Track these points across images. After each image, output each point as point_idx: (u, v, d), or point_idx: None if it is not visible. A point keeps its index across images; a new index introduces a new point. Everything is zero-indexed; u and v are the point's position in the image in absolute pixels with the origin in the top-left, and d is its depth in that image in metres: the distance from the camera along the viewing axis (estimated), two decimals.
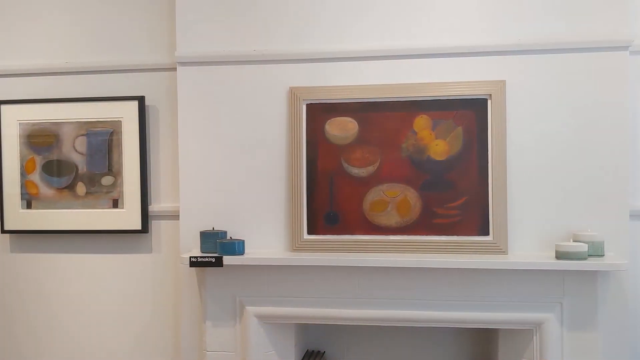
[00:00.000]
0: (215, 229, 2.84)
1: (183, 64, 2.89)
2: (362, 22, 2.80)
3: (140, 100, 3.02)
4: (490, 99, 2.70)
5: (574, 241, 2.58)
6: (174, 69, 2.93)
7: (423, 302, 2.68)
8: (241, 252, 2.72)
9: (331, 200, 2.80)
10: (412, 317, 2.70)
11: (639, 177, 2.73)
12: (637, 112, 2.73)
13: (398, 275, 2.68)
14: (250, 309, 2.75)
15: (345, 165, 2.79)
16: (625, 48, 2.63)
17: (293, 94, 2.81)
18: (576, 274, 2.56)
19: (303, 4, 2.83)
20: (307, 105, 2.82)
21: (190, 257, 2.68)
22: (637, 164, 2.73)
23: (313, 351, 3.04)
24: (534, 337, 2.60)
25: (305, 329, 3.02)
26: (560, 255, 2.52)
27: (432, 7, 2.76)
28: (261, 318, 2.77)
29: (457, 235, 2.71)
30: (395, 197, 2.77)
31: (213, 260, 2.66)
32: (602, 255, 2.57)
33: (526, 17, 2.70)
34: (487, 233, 2.70)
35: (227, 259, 2.67)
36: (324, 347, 3.06)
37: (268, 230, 2.85)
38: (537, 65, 2.69)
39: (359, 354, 3.02)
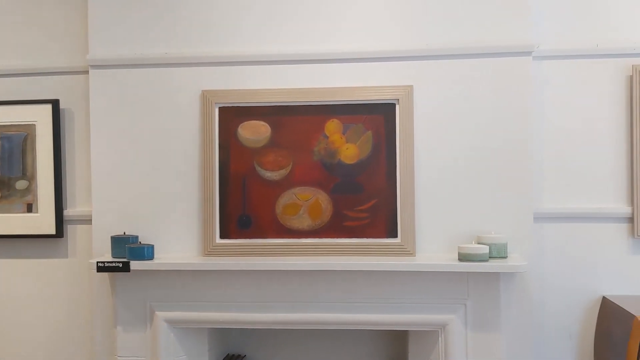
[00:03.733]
0: (126, 233, 2.82)
1: (95, 66, 2.86)
2: (275, 27, 2.82)
3: (54, 103, 2.98)
4: (398, 103, 2.74)
5: (478, 243, 2.63)
6: (88, 72, 2.91)
7: (334, 305, 2.69)
8: (150, 257, 2.70)
9: (244, 204, 2.80)
10: (323, 320, 2.71)
11: (543, 179, 2.80)
12: (540, 116, 2.80)
13: (310, 278, 2.70)
14: (160, 314, 2.74)
15: (258, 168, 2.80)
16: (529, 53, 2.70)
17: (205, 96, 2.81)
18: (479, 276, 2.61)
19: (216, 8, 2.82)
20: (220, 108, 2.82)
21: (97, 262, 2.65)
22: (540, 167, 2.79)
23: (234, 355, 3.04)
24: (439, 338, 2.64)
25: (225, 333, 3.01)
26: (462, 257, 2.57)
27: (343, 13, 2.79)
28: (171, 323, 2.75)
29: (367, 237, 2.74)
30: (307, 201, 2.78)
31: (120, 265, 2.64)
32: (505, 257, 2.62)
33: (433, 23, 2.75)
34: (395, 235, 2.73)
35: (135, 264, 2.65)
36: (245, 351, 3.06)
37: (181, 234, 2.84)
38: (444, 70, 2.74)
39: (280, 356, 3.03)
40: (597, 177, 2.79)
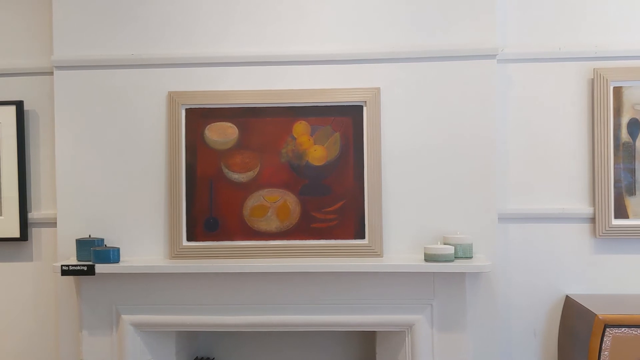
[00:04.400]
0: (92, 236, 2.79)
1: (60, 67, 2.83)
2: (243, 28, 2.81)
3: (19, 104, 2.94)
4: (366, 105, 2.75)
5: (444, 244, 2.66)
6: (53, 73, 2.87)
7: (302, 307, 2.70)
8: (116, 260, 2.67)
9: (211, 206, 2.79)
10: (292, 322, 2.71)
11: (507, 181, 2.84)
12: (505, 118, 2.83)
13: (277, 280, 2.69)
14: (126, 318, 2.71)
15: (225, 170, 2.79)
16: (493, 56, 2.73)
17: (172, 98, 2.79)
18: (445, 276, 2.63)
19: (183, 9, 2.81)
20: (187, 110, 2.80)
21: (62, 266, 2.62)
22: (505, 169, 2.83)
23: (202, 358, 3.02)
24: (406, 339, 2.66)
25: (193, 336, 2.99)
26: (428, 258, 2.59)
27: (311, 14, 2.80)
28: (138, 326, 2.73)
29: (335, 239, 2.75)
30: (275, 202, 2.78)
31: (85, 268, 2.61)
32: (471, 257, 2.65)
33: (400, 25, 2.77)
34: (363, 237, 2.75)
35: (100, 267, 2.62)
36: (214, 354, 3.04)
37: (148, 237, 2.81)
38: (411, 72, 2.76)
39: (249, 359, 3.02)
40: (561, 178, 2.84)
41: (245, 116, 2.79)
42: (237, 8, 2.80)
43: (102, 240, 2.76)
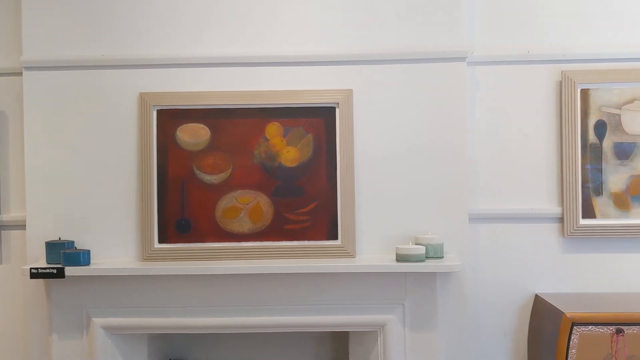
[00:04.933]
0: (62, 238, 2.76)
1: (29, 68, 2.79)
2: (216, 30, 2.81)
3: None
4: (338, 107, 2.77)
5: (416, 244, 2.68)
6: (22, 74, 2.83)
7: (275, 308, 2.70)
8: (87, 262, 2.65)
9: (183, 208, 2.78)
10: (265, 323, 2.72)
11: (477, 181, 2.87)
12: (475, 120, 2.87)
13: (250, 281, 2.69)
14: (97, 321, 2.69)
15: (197, 172, 2.78)
16: (463, 59, 2.77)
17: (143, 99, 2.77)
18: (417, 276, 2.66)
19: (154, 10, 2.80)
20: (158, 111, 2.79)
21: (31, 269, 2.59)
22: (475, 169, 2.86)
23: None
24: (379, 338, 2.68)
25: (165, 338, 2.97)
26: (400, 258, 2.62)
27: (283, 16, 2.80)
28: (109, 329, 2.70)
29: (308, 240, 2.76)
30: (247, 204, 2.78)
31: (54, 271, 2.58)
32: (442, 257, 2.68)
33: (371, 29, 2.79)
34: (335, 237, 2.76)
35: (70, 270, 2.59)
36: (187, 356, 3.02)
37: (119, 239, 2.79)
38: (382, 74, 2.78)
39: None
40: (530, 179, 2.88)
41: (218, 117, 2.78)
42: (211, 10, 2.80)
43: (73, 242, 2.73)
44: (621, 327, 2.46)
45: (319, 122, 2.78)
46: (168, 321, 2.71)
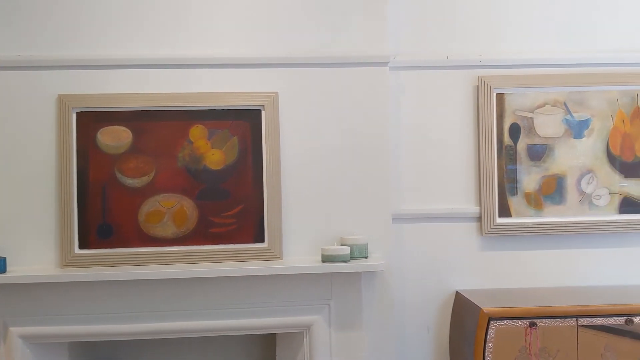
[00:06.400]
0: None
1: None
2: (138, 30, 2.76)
3: None
4: (264, 109, 2.78)
5: (341, 245, 2.72)
6: None
7: (201, 312, 2.68)
8: (2, 270, 2.55)
9: (104, 213, 2.71)
10: (191, 328, 2.69)
11: (400, 183, 2.95)
12: (398, 123, 2.94)
13: (174, 286, 2.66)
14: (14, 330, 2.59)
15: (119, 175, 2.72)
16: (385, 64, 2.83)
17: (62, 101, 2.69)
18: (342, 276, 2.71)
19: (72, 9, 2.72)
20: (78, 113, 2.71)
21: None
22: (398, 171, 2.94)
23: None
24: (305, 339, 2.71)
25: (88, 346, 2.89)
26: (325, 259, 2.65)
27: (208, 18, 2.79)
28: (27, 339, 2.61)
29: (234, 243, 2.76)
30: (171, 208, 2.75)
31: None
32: (366, 257, 2.74)
33: (296, 31, 2.81)
34: (262, 240, 2.77)
35: None
36: None
37: (38, 245, 2.70)
38: (307, 77, 2.81)
39: None
40: (450, 180, 2.98)
41: (140, 120, 2.73)
42: (133, 10, 2.75)
43: None
44: (534, 320, 2.59)
45: (244, 124, 2.78)
46: (90, 328, 2.64)
